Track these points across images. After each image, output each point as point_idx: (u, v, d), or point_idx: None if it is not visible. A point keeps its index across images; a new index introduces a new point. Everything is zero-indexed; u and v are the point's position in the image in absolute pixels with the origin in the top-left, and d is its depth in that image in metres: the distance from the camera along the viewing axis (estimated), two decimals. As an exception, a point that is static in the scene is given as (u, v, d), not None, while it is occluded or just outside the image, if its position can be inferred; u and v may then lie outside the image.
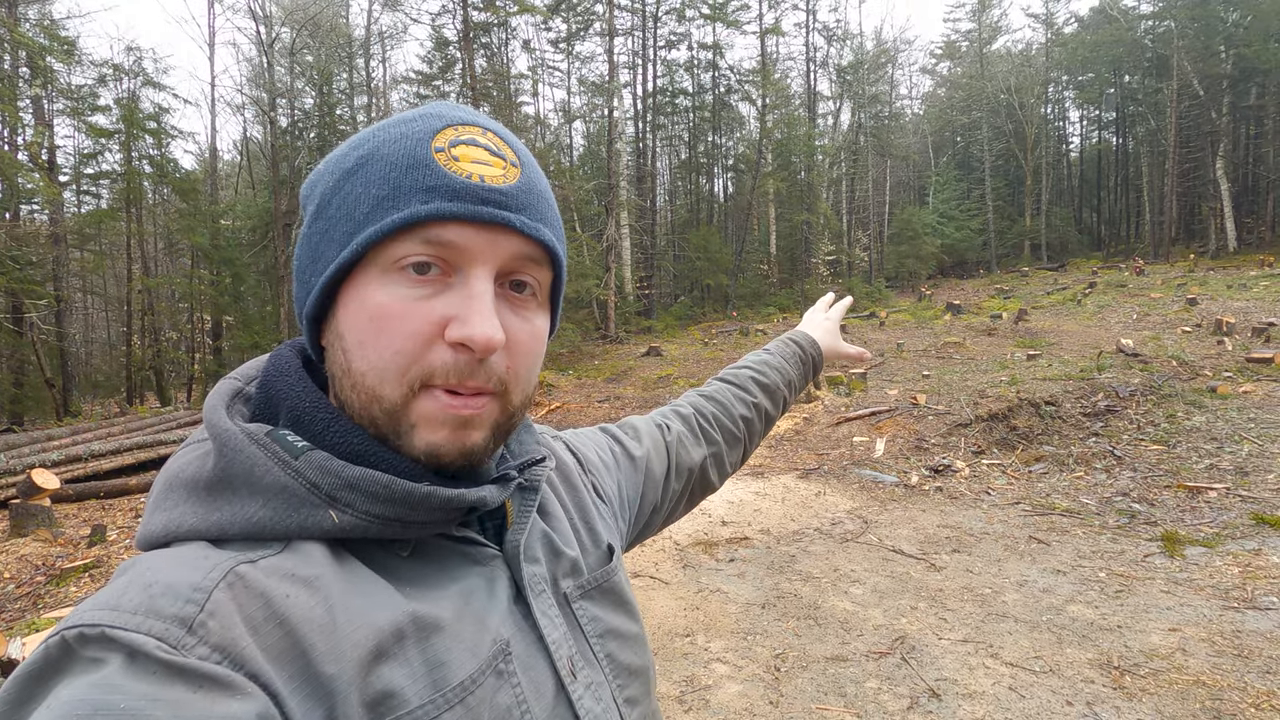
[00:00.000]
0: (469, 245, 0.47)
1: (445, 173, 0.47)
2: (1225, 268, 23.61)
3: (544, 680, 0.51)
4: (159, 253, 25.18)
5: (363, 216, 0.47)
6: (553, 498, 0.65)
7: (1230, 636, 3.36)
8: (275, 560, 0.43)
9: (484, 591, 0.51)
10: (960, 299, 23.03)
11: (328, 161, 0.52)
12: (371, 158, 0.48)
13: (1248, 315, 13.99)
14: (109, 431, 9.89)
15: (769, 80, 27.69)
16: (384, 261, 0.47)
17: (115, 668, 0.35)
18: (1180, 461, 6.45)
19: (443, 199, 0.46)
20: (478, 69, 20.18)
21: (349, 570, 0.45)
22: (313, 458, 0.46)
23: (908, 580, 4.23)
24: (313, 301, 0.50)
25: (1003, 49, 42.29)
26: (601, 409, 10.75)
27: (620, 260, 22.92)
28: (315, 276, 0.50)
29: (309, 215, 0.51)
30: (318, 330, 0.52)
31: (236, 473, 0.45)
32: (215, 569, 0.41)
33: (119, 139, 18.59)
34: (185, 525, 0.44)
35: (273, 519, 0.44)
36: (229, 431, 0.47)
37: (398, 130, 0.49)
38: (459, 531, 0.53)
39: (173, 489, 0.47)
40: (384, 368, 0.47)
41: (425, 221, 0.46)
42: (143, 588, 0.39)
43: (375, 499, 0.46)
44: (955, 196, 37.37)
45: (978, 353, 12.63)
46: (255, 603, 0.40)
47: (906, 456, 7.07)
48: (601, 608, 0.61)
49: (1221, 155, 29.53)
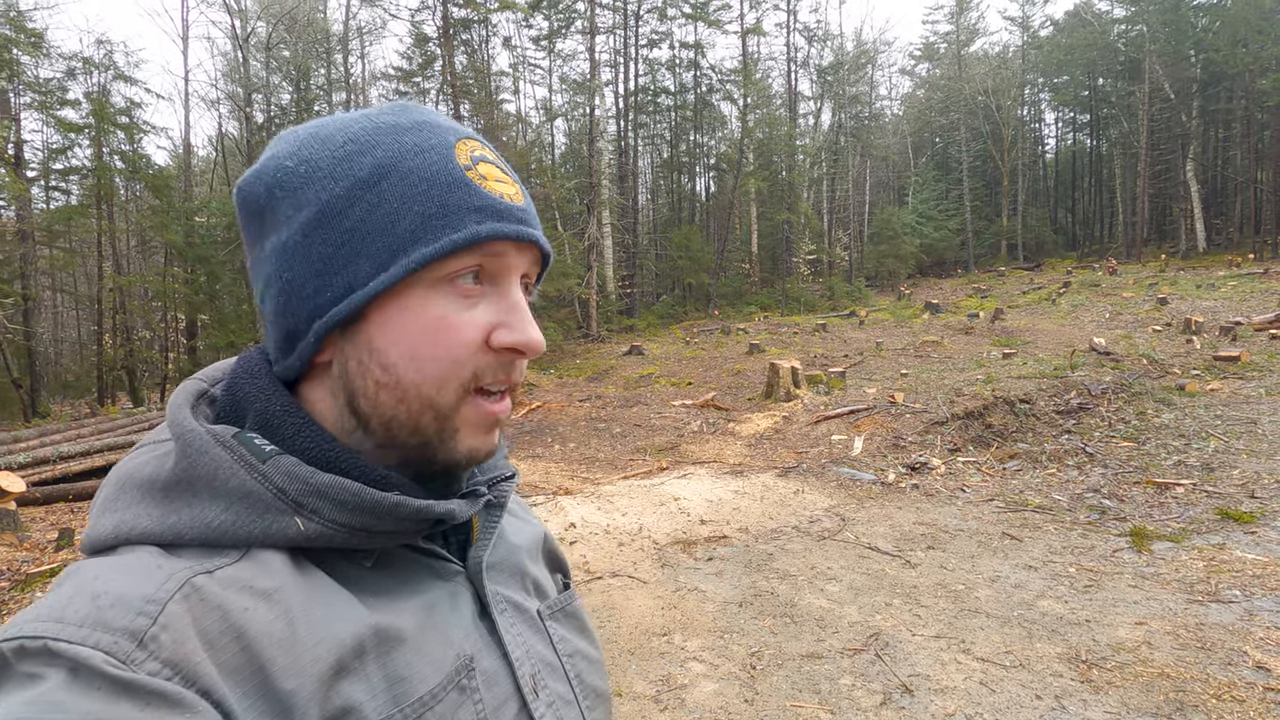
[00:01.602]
0: (509, 260, 0.51)
1: (487, 193, 0.50)
2: (1195, 268, 24.15)
3: (507, 697, 0.51)
4: (131, 250, 24.68)
5: (408, 233, 0.47)
6: (518, 526, 0.66)
7: (1194, 629, 3.44)
8: (233, 570, 0.42)
9: (447, 606, 0.51)
10: (939, 298, 23.32)
11: (308, 161, 0.49)
12: (395, 170, 0.48)
13: (1216, 314, 14.32)
14: (78, 433, 9.68)
15: (750, 80, 27.79)
16: (432, 276, 0.48)
17: (55, 684, 0.34)
18: (1149, 458, 6.59)
19: (494, 220, 0.49)
20: (458, 66, 20.03)
21: (310, 581, 0.44)
22: (281, 463, 0.45)
23: (883, 577, 4.28)
24: (338, 316, 0.47)
25: (980, 51, 42.86)
26: (583, 408, 10.73)
27: (602, 259, 22.88)
28: (335, 291, 0.47)
29: (300, 223, 0.48)
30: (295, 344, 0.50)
31: (198, 475, 0.44)
32: (170, 579, 0.39)
33: (89, 134, 18.18)
34: (138, 528, 0.43)
35: (234, 524, 0.43)
36: (194, 432, 0.45)
37: (412, 141, 0.49)
38: (424, 544, 0.52)
39: (126, 489, 0.45)
40: (443, 376, 0.48)
41: (484, 240, 0.48)
42: (90, 598, 0.37)
43: (343, 507, 0.45)
44: (934, 197, 37.82)
45: (955, 351, 12.79)
46: (212, 616, 0.39)
47: (884, 454, 7.14)
48: (568, 630, 0.62)
49: (1191, 158, 30.19)
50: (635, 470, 7.26)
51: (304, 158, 0.49)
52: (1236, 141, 31.23)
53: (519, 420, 10.14)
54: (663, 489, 6.22)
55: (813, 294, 27.70)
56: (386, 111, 0.52)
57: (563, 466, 7.73)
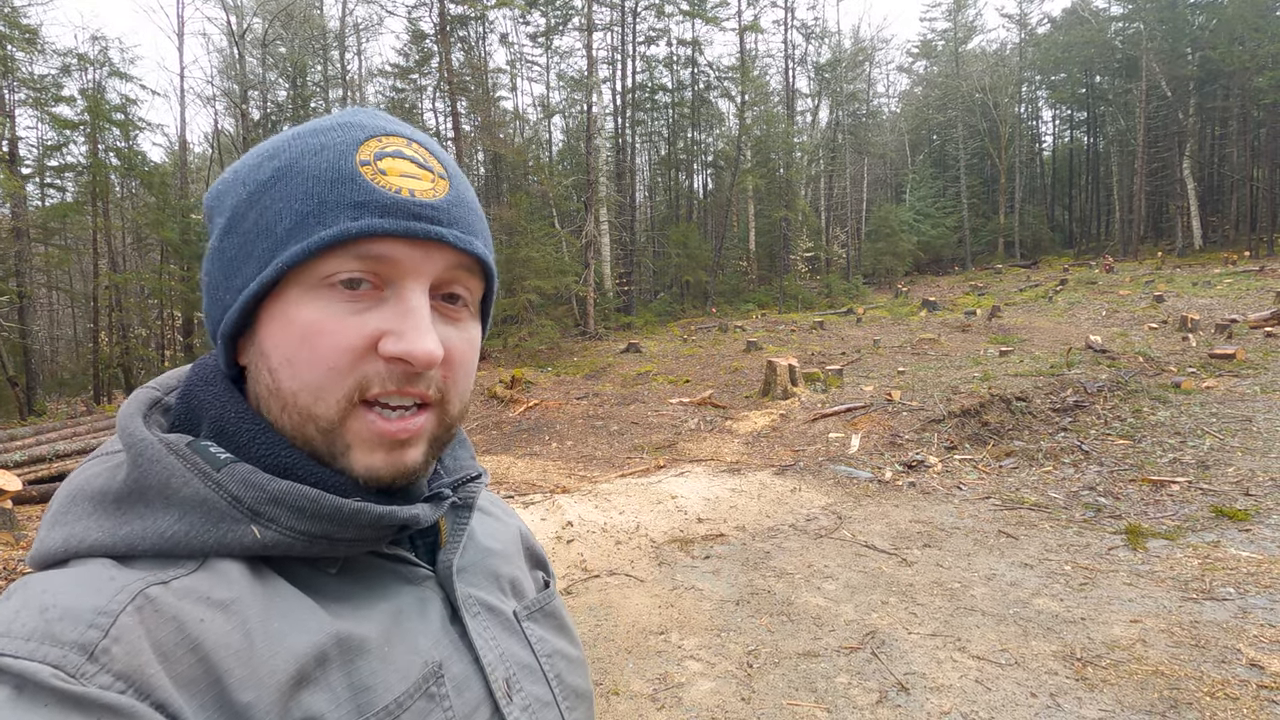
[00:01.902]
0: (402, 260, 0.46)
1: (374, 187, 0.46)
2: (1191, 265, 24.20)
3: (478, 702, 0.50)
4: (127, 248, 24.59)
5: (285, 233, 0.45)
6: (492, 525, 0.65)
7: (1188, 627, 3.45)
8: (189, 581, 0.41)
9: (415, 612, 0.50)
10: (936, 296, 23.35)
11: (236, 170, 0.49)
12: (289, 170, 0.47)
13: (1212, 312, 14.36)
14: (74, 431, 9.66)
15: (748, 77, 27.76)
16: (310, 278, 0.45)
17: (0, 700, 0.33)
18: (1145, 456, 6.61)
19: (373, 215, 0.45)
20: (455, 63, 19.96)
21: (270, 589, 0.43)
22: (236, 470, 0.44)
23: (879, 575, 4.29)
24: (230, 320, 0.47)
25: (978, 48, 42.83)
26: (580, 406, 10.73)
27: (599, 256, 22.86)
28: (231, 294, 0.47)
29: (218, 229, 0.49)
30: (234, 348, 0.50)
31: (151, 484, 0.43)
32: (122, 591, 0.38)
33: (84, 130, 18.11)
34: (88, 540, 0.42)
35: (188, 534, 0.42)
36: (145, 440, 0.44)
37: (316, 141, 0.47)
38: (390, 550, 0.51)
39: (76, 501, 0.44)
40: (318, 385, 0.45)
41: (357, 238, 0.45)
42: (38, 611, 0.36)
43: (301, 515, 0.44)
44: (931, 194, 37.84)
45: (952, 349, 12.81)
46: (166, 628, 0.38)
47: (881, 452, 7.15)
48: (546, 630, 0.61)
49: (1188, 155, 30.23)
50: (632, 468, 7.27)
51: (235, 168, 0.50)
52: (1233, 139, 31.28)
53: (516, 418, 10.14)
54: (660, 487, 6.22)
55: (810, 291, 27.71)
56: (331, 115, 0.51)
57: (560, 464, 7.73)
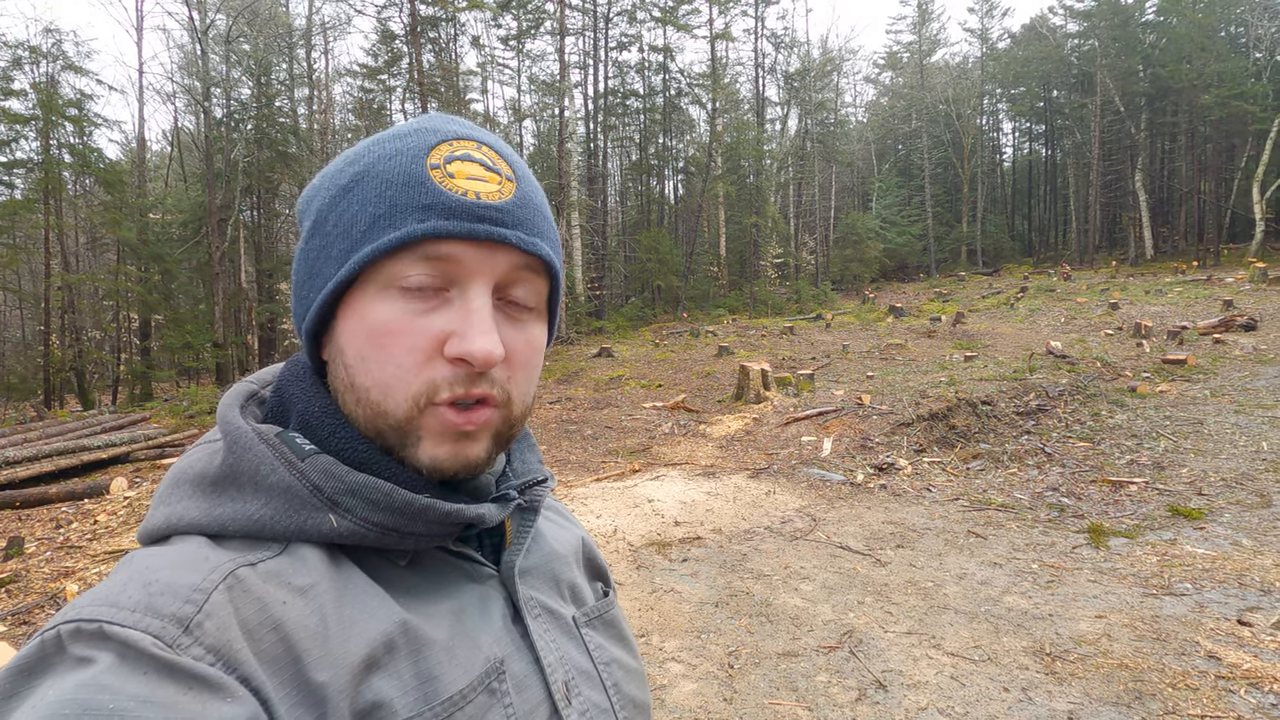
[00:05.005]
0: (466, 261, 0.47)
1: (441, 190, 0.47)
2: (1144, 274, 25.14)
3: (538, 703, 0.51)
4: (81, 247, 23.76)
5: (360, 234, 0.48)
6: (556, 532, 0.66)
7: (1150, 622, 3.58)
8: (273, 564, 0.43)
9: (478, 609, 0.51)
10: (902, 302, 23.83)
11: (324, 176, 0.52)
12: (367, 174, 0.49)
13: (1164, 319, 14.92)
14: (25, 437, 9.30)
15: (719, 84, 28.03)
16: (382, 279, 0.47)
17: (104, 666, 0.35)
18: (1104, 457, 6.84)
19: (439, 217, 0.47)
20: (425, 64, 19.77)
21: (345, 576, 0.46)
22: (318, 461, 0.47)
23: (855, 576, 4.36)
24: (312, 317, 0.50)
25: (941, 61, 43.97)
26: (553, 410, 10.69)
27: (571, 261, 22.82)
28: (314, 292, 0.50)
29: (306, 230, 0.52)
30: (317, 344, 0.53)
31: (243, 470, 0.46)
32: (215, 570, 0.41)
33: (35, 126, 17.48)
34: (186, 519, 0.45)
35: (273, 518, 0.45)
36: (240, 429, 0.48)
37: (393, 146, 0.50)
38: (457, 547, 0.53)
39: (179, 484, 0.48)
40: (387, 383, 0.47)
41: (422, 239, 0.47)
42: (142, 585, 0.39)
43: (375, 506, 0.46)
44: (897, 202, 38.65)
45: (919, 354, 13.08)
46: (252, 607, 0.40)
47: (852, 455, 7.27)
48: (605, 638, 0.61)
49: (1140, 168, 31.44)
50: (608, 473, 7.26)
51: (324, 173, 0.53)
52: (1181, 154, 32.60)
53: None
54: (636, 491, 6.23)
55: (780, 297, 28.03)
56: (412, 121, 0.53)
57: (534, 469, 7.68)
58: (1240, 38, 30.77)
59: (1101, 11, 31.24)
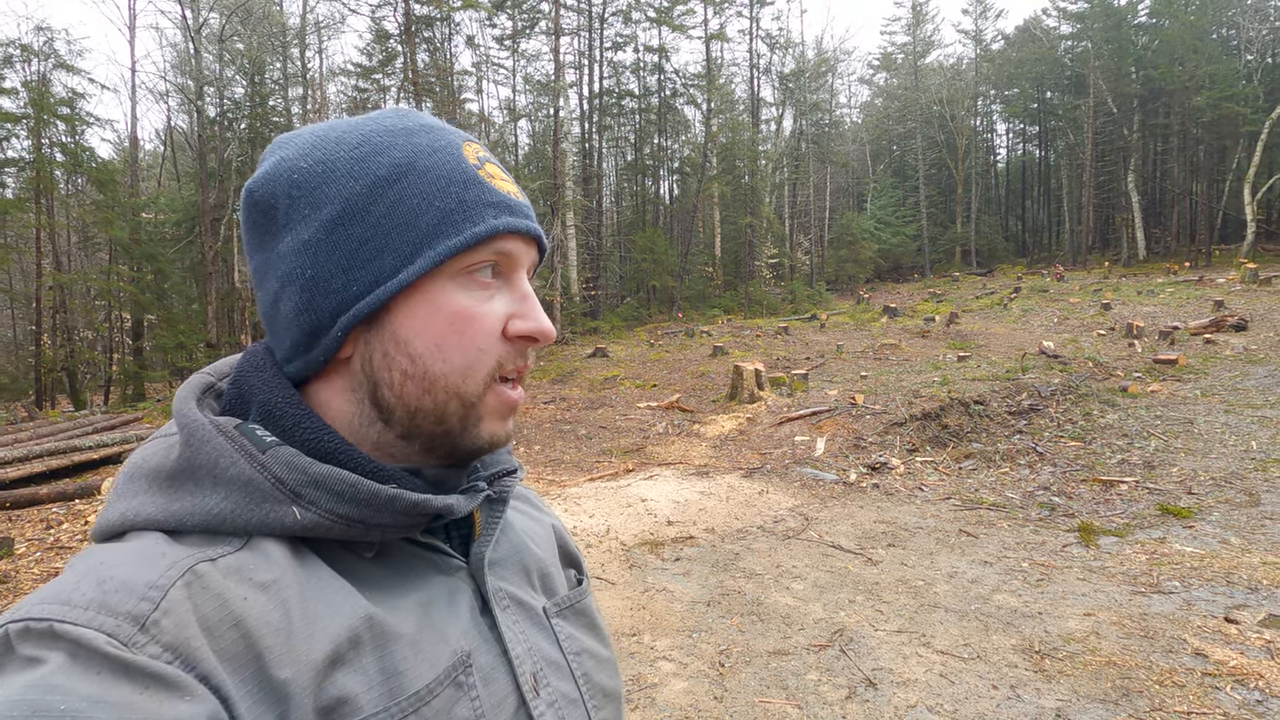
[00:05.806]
0: (517, 254, 0.53)
1: (495, 190, 0.52)
2: (1136, 275, 25.26)
3: (505, 695, 0.51)
4: (73, 247, 23.64)
5: (430, 227, 0.49)
6: (526, 522, 0.66)
7: (1138, 619, 3.61)
8: (234, 559, 0.43)
9: (445, 601, 0.51)
10: (896, 302, 23.89)
11: (328, 164, 0.50)
12: (412, 167, 0.50)
13: (1155, 319, 15.00)
14: (15, 438, 9.24)
15: (714, 85, 28.07)
16: (453, 269, 0.50)
17: (55, 666, 0.34)
18: (1095, 457, 6.87)
19: (508, 215, 0.52)
20: (420, 63, 19.74)
21: (309, 571, 0.45)
22: (280, 453, 0.46)
23: (846, 575, 4.37)
24: (364, 308, 0.49)
25: (935, 62, 44.11)
26: (548, 410, 10.68)
27: (566, 261, 22.80)
28: (359, 285, 0.49)
29: (324, 219, 0.49)
30: (315, 341, 0.51)
31: (201, 463, 0.45)
32: (173, 566, 0.40)
33: (27, 124, 17.39)
34: (143, 515, 0.44)
35: (233, 512, 0.44)
36: (197, 422, 0.46)
37: (425, 142, 0.52)
38: (425, 539, 0.53)
39: (135, 478, 0.46)
40: (468, 366, 0.50)
41: (497, 234, 0.51)
42: (96, 583, 0.38)
43: (340, 498, 0.46)
44: (891, 203, 38.77)
45: (912, 354, 13.12)
46: (211, 603, 0.39)
47: (845, 455, 7.29)
48: (576, 628, 0.61)
49: (1132, 170, 31.59)
50: (601, 472, 7.27)
51: (318, 158, 0.50)
52: (1174, 155, 32.77)
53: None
54: (629, 490, 6.24)
55: (775, 297, 28.08)
56: (389, 115, 0.53)
57: (528, 469, 7.68)
58: (1232, 40, 30.98)
59: (1094, 13, 31.41)
